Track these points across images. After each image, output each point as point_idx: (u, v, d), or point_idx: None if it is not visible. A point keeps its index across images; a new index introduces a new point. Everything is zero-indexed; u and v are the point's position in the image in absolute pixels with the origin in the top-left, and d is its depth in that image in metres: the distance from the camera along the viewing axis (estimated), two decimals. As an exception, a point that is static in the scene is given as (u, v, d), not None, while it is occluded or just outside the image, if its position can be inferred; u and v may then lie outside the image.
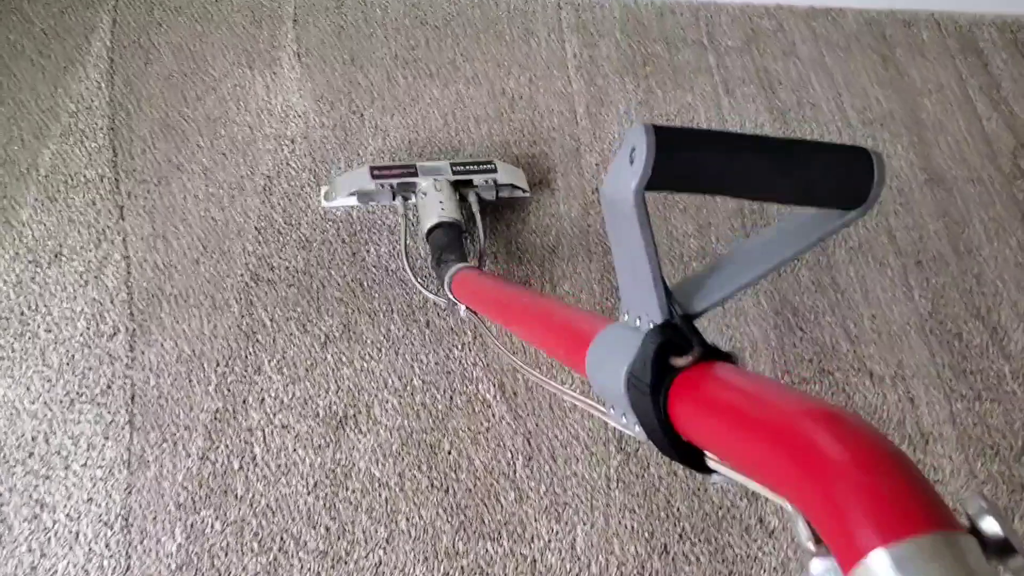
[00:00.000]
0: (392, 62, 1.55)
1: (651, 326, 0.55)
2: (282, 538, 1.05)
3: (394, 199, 1.32)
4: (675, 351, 0.53)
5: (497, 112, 1.50)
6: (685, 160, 0.51)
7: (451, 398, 1.18)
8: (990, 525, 0.33)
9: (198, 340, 1.19)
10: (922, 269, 1.39)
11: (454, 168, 1.33)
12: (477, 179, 1.33)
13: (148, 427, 1.12)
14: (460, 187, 1.33)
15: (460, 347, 1.22)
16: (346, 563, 1.04)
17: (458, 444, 1.14)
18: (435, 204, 1.27)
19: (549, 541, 1.08)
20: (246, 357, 1.18)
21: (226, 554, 1.03)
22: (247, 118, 1.44)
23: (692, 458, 0.52)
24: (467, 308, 1.10)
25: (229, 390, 1.15)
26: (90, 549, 1.03)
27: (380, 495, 1.09)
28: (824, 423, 0.39)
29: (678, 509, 1.12)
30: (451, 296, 1.12)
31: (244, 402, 1.15)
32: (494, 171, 1.34)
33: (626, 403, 0.55)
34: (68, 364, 1.16)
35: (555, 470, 1.13)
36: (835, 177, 0.54)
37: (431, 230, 1.25)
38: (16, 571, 1.00)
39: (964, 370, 1.28)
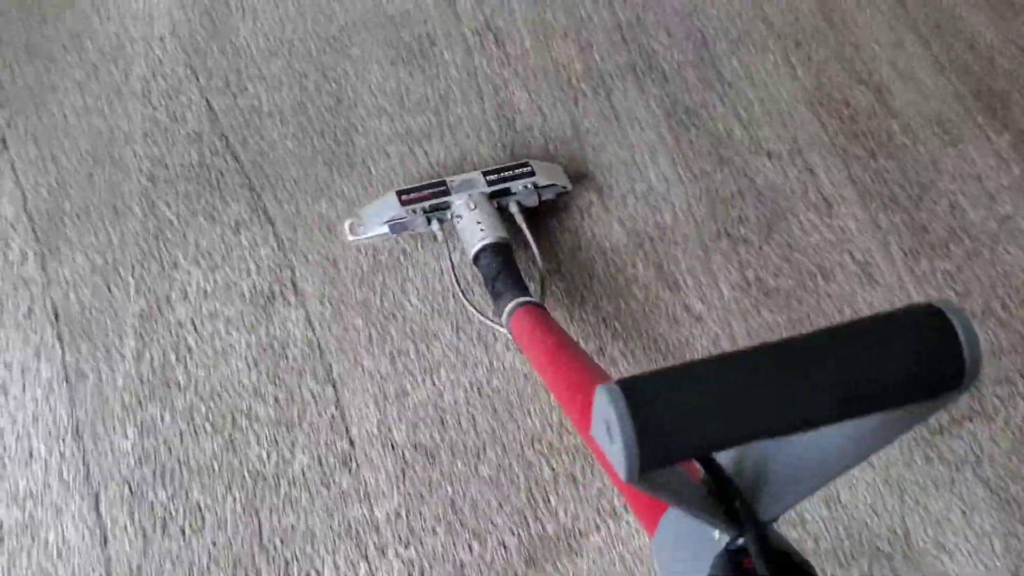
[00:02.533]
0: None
1: (720, 544, 0.47)
2: (233, 416, 1.07)
3: (429, 224, 1.19)
4: None
5: (362, -26, 1.48)
6: (682, 424, 0.38)
7: (374, 256, 1.19)
8: None
9: (108, 249, 1.19)
10: (802, 47, 1.42)
11: (488, 178, 1.21)
12: (514, 186, 1.21)
13: (78, 340, 1.12)
14: (498, 197, 1.21)
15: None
16: (300, 425, 1.07)
17: (390, 293, 1.16)
18: (473, 226, 1.14)
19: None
20: (160, 256, 1.18)
21: (182, 440, 1.06)
22: (111, 26, 1.40)
23: None
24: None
25: (150, 290, 1.16)
26: (46, 463, 1.04)
27: (323, 359, 1.11)
28: None
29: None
30: (510, 335, 1.05)
31: (168, 299, 1.15)
32: (532, 174, 1.22)
33: None
34: (-17, 297, 1.15)
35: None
36: (906, 367, 0.40)
37: (477, 256, 1.13)
38: (-22, 498, 1.02)
39: (855, 133, 1.32)
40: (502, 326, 1.06)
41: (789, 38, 1.43)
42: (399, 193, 1.19)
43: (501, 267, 1.10)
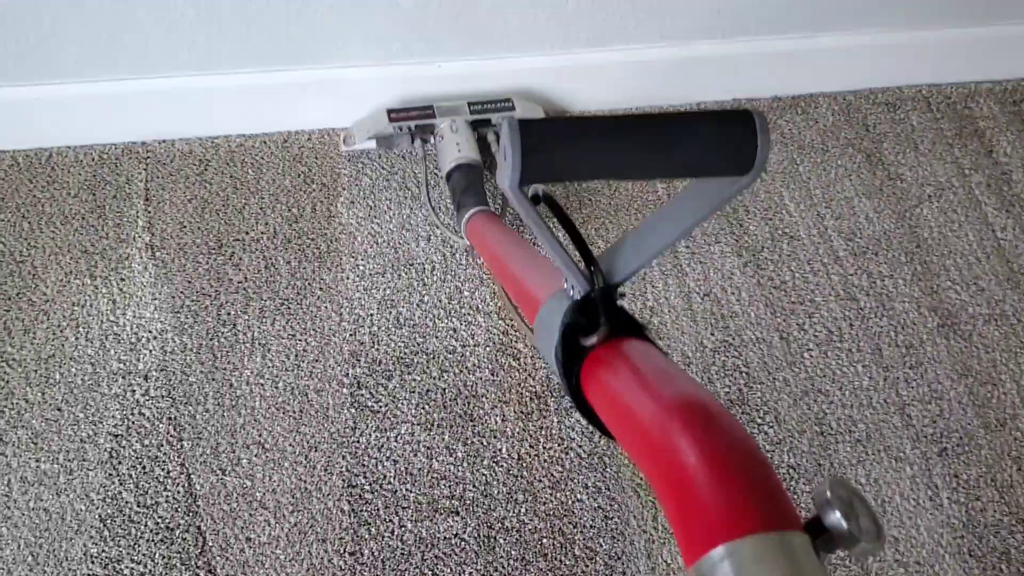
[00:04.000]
0: (271, 242, 1.25)
1: (577, 299, 0.59)
2: None
3: (413, 142, 1.30)
4: (585, 331, 0.56)
5: (409, 286, 1.21)
6: (555, 153, 0.50)
7: None
8: (834, 519, 0.36)
9: None
10: (948, 460, 1.11)
11: (472, 107, 1.30)
12: (495, 118, 1.30)
13: None
14: (479, 127, 1.30)
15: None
16: None
17: None
18: (452, 146, 1.24)
19: None
20: None
21: None
22: (88, 350, 1.14)
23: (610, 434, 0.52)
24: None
25: None
26: None
27: None
28: (682, 420, 0.42)
29: None
30: (467, 241, 1.12)
31: None
32: (512, 108, 1.31)
33: (558, 375, 0.57)
34: None
35: None
36: (716, 147, 0.52)
37: (450, 173, 1.22)
38: None
39: (1018, 609, 1.01)
40: (462, 236, 1.14)
41: (932, 442, 1.12)
42: (389, 111, 1.28)
43: (469, 184, 1.18)
